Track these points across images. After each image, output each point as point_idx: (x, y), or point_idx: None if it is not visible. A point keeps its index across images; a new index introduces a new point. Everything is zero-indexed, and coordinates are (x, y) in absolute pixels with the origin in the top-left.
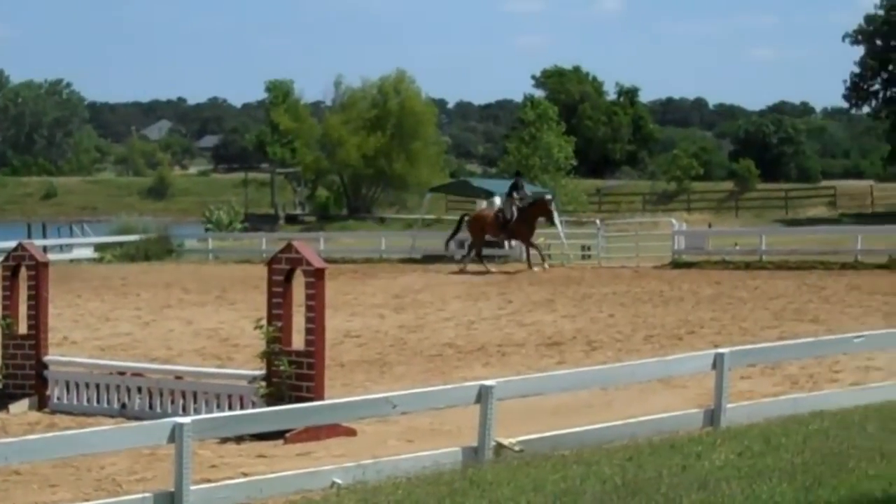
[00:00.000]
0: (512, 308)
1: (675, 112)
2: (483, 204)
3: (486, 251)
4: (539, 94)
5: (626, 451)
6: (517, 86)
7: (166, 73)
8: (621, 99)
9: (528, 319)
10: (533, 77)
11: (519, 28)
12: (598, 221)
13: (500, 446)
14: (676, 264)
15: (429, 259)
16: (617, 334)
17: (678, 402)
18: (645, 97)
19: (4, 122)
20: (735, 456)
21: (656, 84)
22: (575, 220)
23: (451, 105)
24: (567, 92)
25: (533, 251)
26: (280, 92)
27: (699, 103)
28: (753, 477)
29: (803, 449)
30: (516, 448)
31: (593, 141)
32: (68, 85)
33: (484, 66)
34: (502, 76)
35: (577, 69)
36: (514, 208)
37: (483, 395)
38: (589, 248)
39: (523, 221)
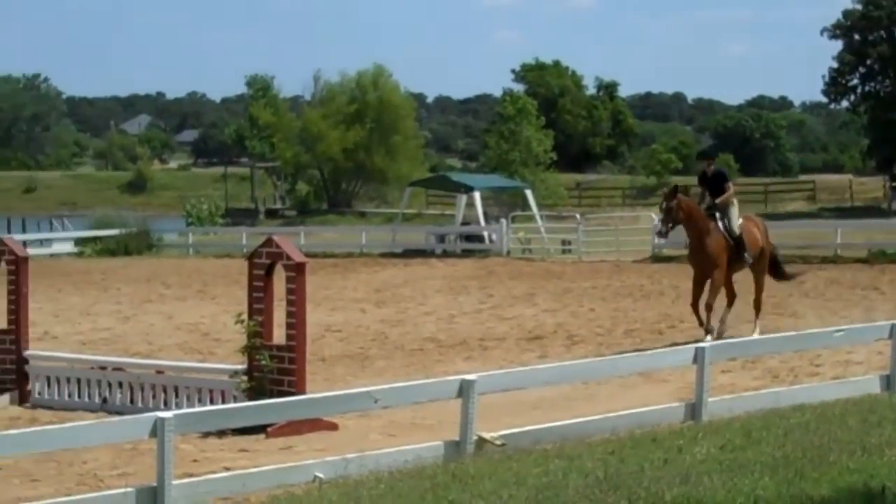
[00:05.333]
0: (493, 302)
1: (654, 107)
2: (463, 199)
3: (465, 245)
4: (518, 88)
5: (607, 445)
6: (496, 80)
7: (145, 68)
8: (601, 93)
9: (510, 313)
10: (512, 71)
11: (496, 22)
12: (578, 216)
13: (481, 440)
14: (656, 258)
15: (409, 253)
16: (598, 328)
17: (659, 396)
18: (624, 92)
19: None
20: (716, 450)
21: (635, 79)
22: (555, 214)
23: (430, 100)
24: (546, 86)
25: None
26: (260, 86)
27: (678, 98)
28: (735, 470)
29: (784, 442)
30: (498, 442)
31: (573, 135)
32: (46, 79)
33: (462, 61)
34: (481, 71)
35: (556, 63)
36: None
37: (465, 390)
38: (569, 243)
39: None
